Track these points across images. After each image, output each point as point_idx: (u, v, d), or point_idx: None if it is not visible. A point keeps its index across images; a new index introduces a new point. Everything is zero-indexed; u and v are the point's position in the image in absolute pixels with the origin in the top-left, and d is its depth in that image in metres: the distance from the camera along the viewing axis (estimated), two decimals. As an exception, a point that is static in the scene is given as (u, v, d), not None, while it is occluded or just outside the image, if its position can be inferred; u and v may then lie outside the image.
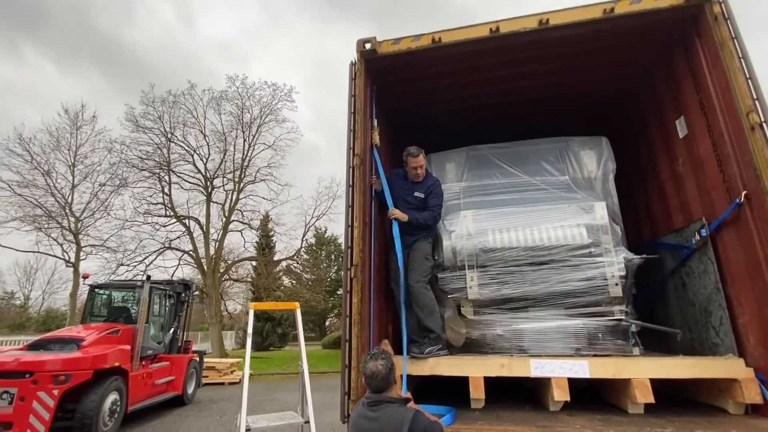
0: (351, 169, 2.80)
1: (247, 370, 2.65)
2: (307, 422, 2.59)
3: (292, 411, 2.75)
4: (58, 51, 45.69)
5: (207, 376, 11.77)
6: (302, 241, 20.74)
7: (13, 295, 31.99)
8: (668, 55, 3.09)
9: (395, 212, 3.11)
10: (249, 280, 22.86)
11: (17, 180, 16.98)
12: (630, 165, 3.87)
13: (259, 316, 25.33)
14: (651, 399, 2.37)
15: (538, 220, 2.97)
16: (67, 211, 18.00)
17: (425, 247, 3.16)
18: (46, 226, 17.59)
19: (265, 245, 23.57)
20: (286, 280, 24.70)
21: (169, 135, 18.47)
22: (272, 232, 23.70)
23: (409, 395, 2.07)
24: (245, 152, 19.82)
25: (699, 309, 2.90)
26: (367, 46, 3.06)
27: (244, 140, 19.76)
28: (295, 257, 21.77)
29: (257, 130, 19.86)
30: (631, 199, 3.97)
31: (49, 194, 17.64)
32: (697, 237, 2.83)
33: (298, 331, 3.00)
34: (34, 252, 18.63)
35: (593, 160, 3.36)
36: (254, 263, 21.95)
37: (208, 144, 19.36)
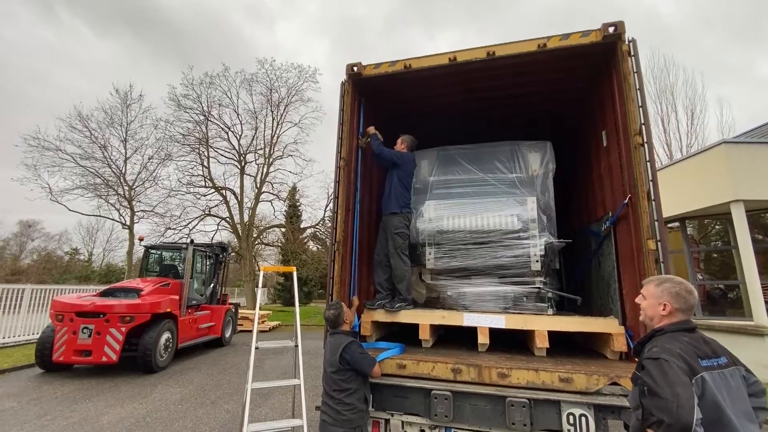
0: (338, 169, 3.49)
1: (257, 311, 3.50)
2: (297, 346, 3.47)
3: (288, 340, 3.62)
4: (91, 12, 46.36)
5: (242, 325, 13.16)
6: (325, 211, 21.67)
7: (78, 251, 35.00)
8: (598, 79, 3.56)
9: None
10: (278, 245, 24.24)
11: (79, 153, 18.51)
12: (574, 163, 4.39)
13: (287, 276, 26.93)
14: (547, 345, 3.06)
15: (482, 210, 3.61)
16: (122, 180, 19.50)
17: (395, 222, 3.67)
18: (105, 193, 19.16)
19: (293, 214, 24.76)
20: (312, 245, 25.98)
21: (207, 114, 19.38)
22: (299, 203, 24.84)
23: (355, 331, 2.89)
24: (274, 130, 20.64)
25: (605, 282, 3.52)
26: (355, 69, 3.66)
27: (273, 119, 20.58)
28: (318, 225, 22.80)
29: (285, 109, 20.58)
30: (576, 191, 4.52)
31: (106, 165, 19.16)
32: (605, 226, 3.42)
33: (294, 288, 3.81)
34: (96, 216, 20.38)
35: (537, 160, 3.90)
36: (283, 230, 23.19)
37: (241, 123, 20.30)
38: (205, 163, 19.89)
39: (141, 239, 12.39)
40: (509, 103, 4.25)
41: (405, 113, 4.55)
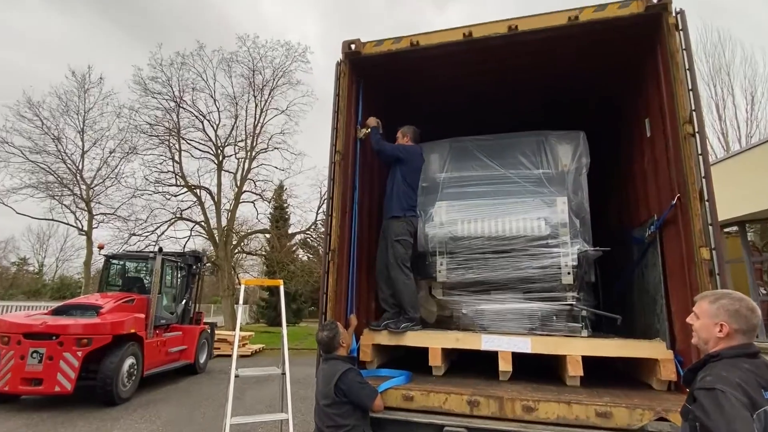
0: (332, 165, 3.49)
1: (237, 332, 3.53)
2: (284, 374, 3.48)
3: (274, 366, 3.62)
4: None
5: (219, 348, 13.12)
6: (317, 214, 21.69)
7: (26, 261, 35.13)
8: (640, 57, 3.55)
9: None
10: (262, 253, 24.20)
11: (29, 146, 18.58)
12: (612, 157, 4.39)
13: (273, 291, 26.97)
14: (581, 372, 3.04)
15: (504, 213, 3.60)
16: (78, 177, 19.56)
17: (396, 227, 3.67)
18: (58, 193, 19.23)
19: (279, 218, 24.80)
20: (301, 254, 25.98)
21: (179, 100, 19.47)
22: (286, 204, 24.87)
23: (353, 357, 2.90)
24: (257, 118, 20.72)
25: (650, 297, 3.51)
26: (352, 47, 3.68)
27: (256, 105, 20.66)
28: (309, 231, 22.80)
29: (269, 94, 20.69)
30: (614, 189, 4.51)
31: (60, 161, 19.23)
32: (649, 232, 3.40)
33: (280, 305, 3.83)
34: (48, 220, 20.48)
35: (568, 154, 3.89)
36: (268, 236, 23.19)
37: (218, 109, 20.37)
38: (177, 158, 19.97)
39: (101, 247, 12.36)
40: (534, 86, 4.26)
41: (411, 99, 4.57)
